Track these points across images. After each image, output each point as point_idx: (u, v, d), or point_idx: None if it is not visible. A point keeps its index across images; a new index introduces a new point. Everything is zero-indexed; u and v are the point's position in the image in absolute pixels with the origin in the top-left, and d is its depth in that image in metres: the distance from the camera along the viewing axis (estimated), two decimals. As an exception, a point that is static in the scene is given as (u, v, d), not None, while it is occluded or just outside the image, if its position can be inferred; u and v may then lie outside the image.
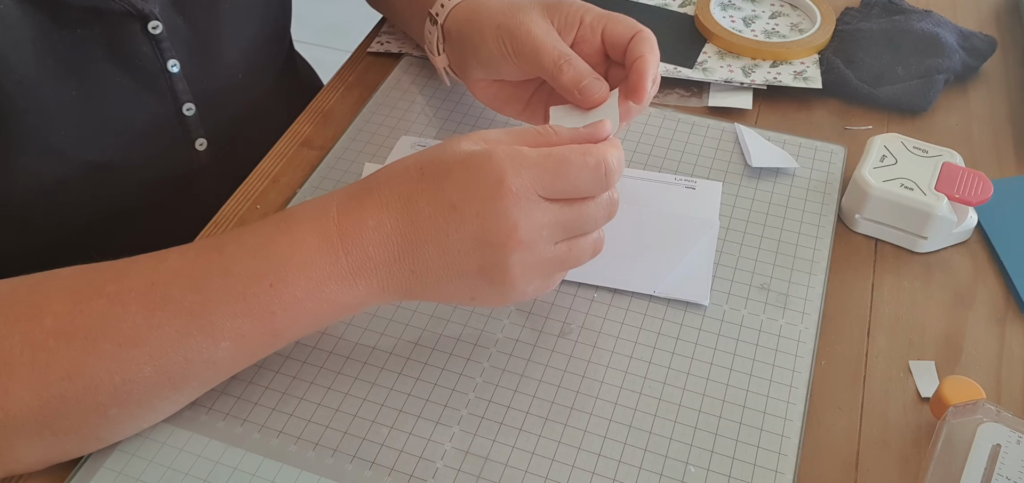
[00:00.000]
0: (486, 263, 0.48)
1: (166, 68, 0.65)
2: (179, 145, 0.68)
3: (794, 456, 0.50)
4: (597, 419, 0.52)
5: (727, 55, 0.77)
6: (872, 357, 0.56)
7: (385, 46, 0.80)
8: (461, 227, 0.48)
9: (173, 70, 0.65)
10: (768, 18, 0.82)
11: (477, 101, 0.74)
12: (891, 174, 0.62)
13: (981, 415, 0.49)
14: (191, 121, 0.68)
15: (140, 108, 0.64)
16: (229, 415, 0.52)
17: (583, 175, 0.49)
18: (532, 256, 0.49)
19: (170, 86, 0.65)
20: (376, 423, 0.51)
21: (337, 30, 2.34)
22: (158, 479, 0.49)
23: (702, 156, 0.69)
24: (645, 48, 0.58)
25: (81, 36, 0.60)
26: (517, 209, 0.47)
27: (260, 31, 0.74)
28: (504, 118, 0.72)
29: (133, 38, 0.62)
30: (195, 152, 0.69)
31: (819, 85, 0.74)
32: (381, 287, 0.49)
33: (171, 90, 0.66)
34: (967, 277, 0.61)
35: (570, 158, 0.49)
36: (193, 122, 0.68)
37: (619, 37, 0.60)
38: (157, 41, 0.64)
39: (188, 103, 0.67)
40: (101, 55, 0.61)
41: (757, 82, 0.74)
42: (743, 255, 0.61)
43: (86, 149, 0.62)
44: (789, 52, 0.77)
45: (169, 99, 0.66)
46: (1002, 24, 0.85)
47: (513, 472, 0.49)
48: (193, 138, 0.69)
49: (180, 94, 0.66)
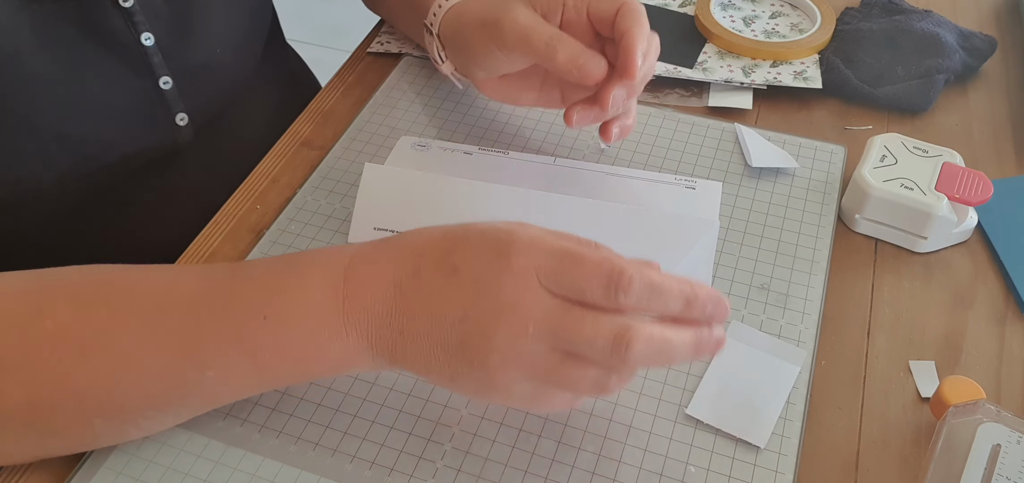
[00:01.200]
0: (469, 338, 0.44)
1: (140, 41, 0.64)
2: (159, 120, 0.68)
3: (794, 456, 0.50)
4: (597, 419, 0.52)
5: (727, 55, 0.77)
6: (872, 357, 0.56)
7: (385, 46, 0.80)
8: (454, 294, 0.45)
9: (147, 43, 0.65)
10: (768, 18, 0.82)
11: (478, 101, 0.74)
12: (891, 174, 0.62)
13: (981, 415, 0.49)
14: (169, 95, 0.67)
15: (116, 82, 0.64)
16: (229, 415, 0.52)
17: (591, 280, 0.43)
18: (516, 347, 0.44)
19: (145, 60, 0.65)
20: (376, 423, 0.51)
21: (337, 30, 2.34)
22: (158, 479, 0.49)
23: (702, 156, 0.69)
24: (630, 22, 0.57)
25: (53, 9, 0.60)
26: (513, 287, 0.44)
27: (239, 5, 0.73)
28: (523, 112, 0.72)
29: (104, 11, 0.62)
30: (177, 127, 0.69)
31: (819, 85, 0.74)
32: (370, 344, 0.47)
33: (147, 64, 0.65)
34: (967, 277, 0.61)
35: (582, 256, 0.44)
36: (172, 96, 0.67)
37: (605, 13, 0.59)
38: (129, 14, 0.63)
39: (164, 77, 0.66)
40: (74, 29, 0.61)
41: (757, 82, 0.74)
42: (743, 255, 0.61)
43: (66, 124, 0.62)
44: (789, 52, 0.77)
45: (145, 73, 0.66)
46: (1002, 24, 0.85)
47: (513, 472, 0.49)
48: (173, 113, 0.68)
49: (156, 68, 0.66)
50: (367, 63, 0.79)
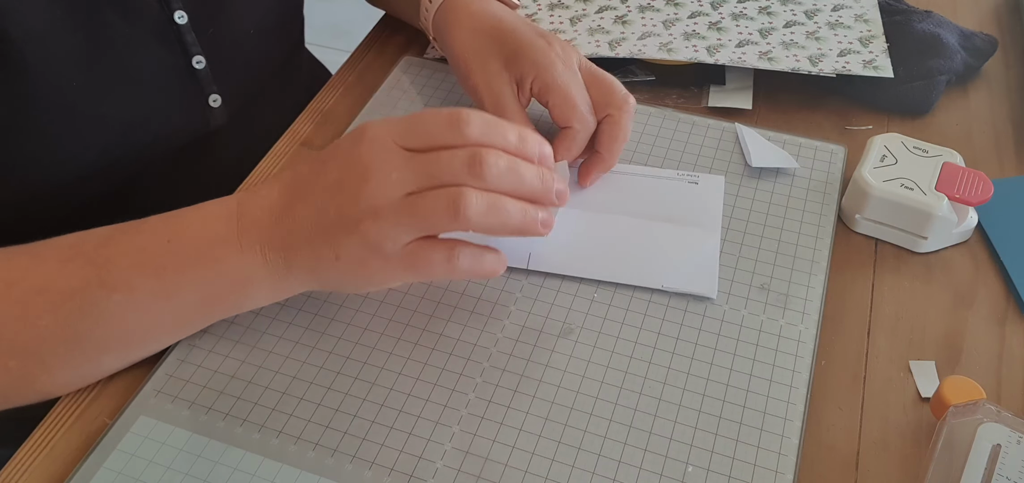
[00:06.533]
0: (342, 210, 0.49)
1: (173, 19, 0.65)
2: (192, 100, 0.68)
3: (794, 456, 0.50)
4: (597, 419, 0.52)
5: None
6: (872, 357, 0.56)
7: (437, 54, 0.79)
8: (325, 174, 0.50)
9: (180, 22, 0.65)
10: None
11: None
12: (891, 174, 0.62)
13: (981, 415, 0.49)
14: (202, 74, 0.68)
15: (149, 60, 0.64)
16: (229, 415, 0.52)
17: (436, 122, 0.50)
18: (385, 195, 0.48)
19: (178, 37, 0.65)
20: (376, 423, 0.51)
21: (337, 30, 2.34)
22: (158, 479, 0.49)
23: (702, 156, 0.69)
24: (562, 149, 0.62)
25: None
26: (370, 152, 0.49)
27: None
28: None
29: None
30: (210, 108, 0.69)
31: (890, 73, 0.72)
32: (263, 252, 0.51)
33: (180, 41, 0.66)
34: (967, 277, 0.61)
35: (425, 112, 0.51)
36: (204, 76, 0.68)
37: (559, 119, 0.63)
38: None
39: (197, 56, 0.67)
40: (107, 5, 0.61)
41: (825, 71, 0.73)
42: (743, 255, 0.61)
43: (98, 102, 0.62)
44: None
45: (178, 51, 0.66)
46: (1002, 24, 0.85)
47: (513, 472, 0.49)
48: (206, 93, 0.69)
49: (189, 46, 0.66)
50: (367, 63, 0.79)
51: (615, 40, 0.76)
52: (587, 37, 0.77)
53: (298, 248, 0.51)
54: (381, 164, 0.49)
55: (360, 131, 0.50)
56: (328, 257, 0.50)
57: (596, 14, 0.80)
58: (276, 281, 0.52)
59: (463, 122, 0.50)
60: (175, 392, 0.53)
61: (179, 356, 0.55)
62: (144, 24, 0.63)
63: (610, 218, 0.62)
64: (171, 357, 0.55)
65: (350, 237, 0.49)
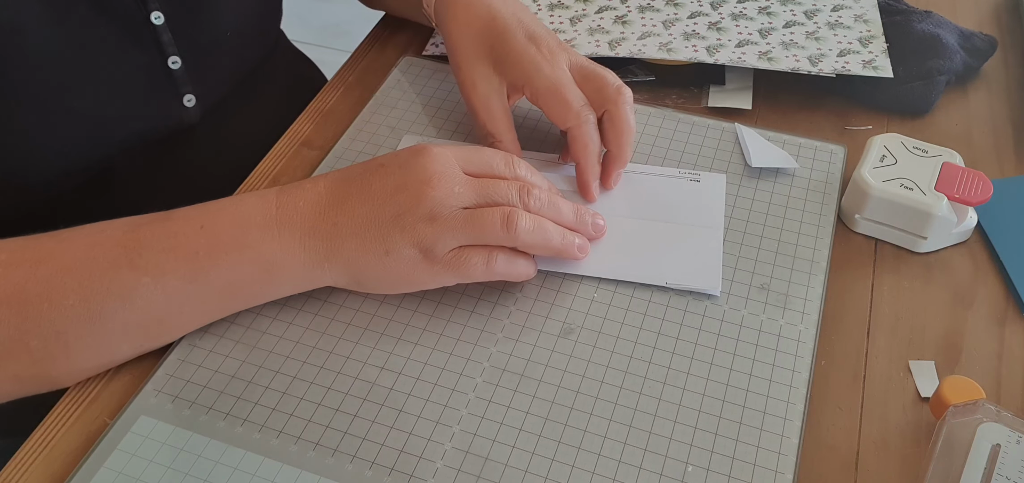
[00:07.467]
0: (401, 210, 0.53)
1: (149, 19, 0.65)
2: (166, 99, 0.68)
3: (794, 456, 0.50)
4: (597, 419, 0.52)
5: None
6: (872, 357, 0.56)
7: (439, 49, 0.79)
8: (384, 178, 0.54)
9: (156, 22, 0.65)
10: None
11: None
12: (891, 174, 0.62)
13: (981, 415, 0.49)
14: (178, 74, 0.68)
15: (124, 60, 0.65)
16: (229, 415, 0.52)
17: (494, 156, 0.57)
18: (446, 204, 0.53)
19: (154, 37, 0.66)
20: (376, 423, 0.51)
21: (337, 30, 2.34)
22: (158, 479, 0.49)
23: (702, 156, 0.69)
24: (578, 152, 0.63)
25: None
26: (435, 165, 0.54)
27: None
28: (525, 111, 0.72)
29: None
30: (184, 108, 0.69)
31: (889, 73, 0.72)
32: (303, 240, 0.53)
33: (156, 41, 0.66)
34: (967, 277, 0.61)
35: (483, 147, 0.58)
36: (180, 75, 0.68)
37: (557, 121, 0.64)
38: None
39: (173, 56, 0.67)
40: (83, 5, 0.61)
41: (825, 71, 0.73)
42: (743, 255, 0.61)
43: (73, 98, 0.63)
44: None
45: (154, 50, 0.66)
46: (1002, 24, 0.85)
47: (513, 472, 0.49)
48: (180, 92, 0.69)
49: (165, 46, 0.66)
50: (367, 63, 0.79)
51: (615, 40, 0.76)
52: (587, 37, 0.77)
53: (344, 239, 0.53)
54: (446, 177, 0.54)
55: (422, 147, 0.55)
56: (376, 252, 0.53)
57: (596, 14, 0.80)
58: (308, 269, 0.53)
59: (516, 163, 0.58)
60: (176, 392, 0.53)
61: (180, 356, 0.55)
62: (120, 23, 0.63)
63: (613, 216, 0.62)
64: (172, 357, 0.55)
65: (404, 235, 0.53)
